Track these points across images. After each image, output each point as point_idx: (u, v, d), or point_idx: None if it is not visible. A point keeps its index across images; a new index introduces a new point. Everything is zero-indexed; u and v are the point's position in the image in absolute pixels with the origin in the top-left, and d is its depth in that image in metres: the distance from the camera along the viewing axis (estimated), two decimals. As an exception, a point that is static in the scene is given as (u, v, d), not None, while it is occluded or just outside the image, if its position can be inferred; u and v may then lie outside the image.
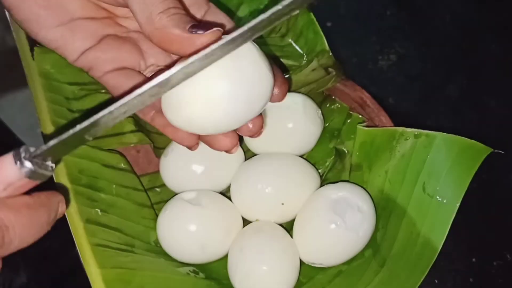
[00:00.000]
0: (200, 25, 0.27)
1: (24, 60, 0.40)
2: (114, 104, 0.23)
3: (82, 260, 0.32)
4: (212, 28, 0.27)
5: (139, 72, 0.33)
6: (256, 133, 0.31)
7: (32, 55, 0.40)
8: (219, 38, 0.27)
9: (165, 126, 0.31)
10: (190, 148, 0.33)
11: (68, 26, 0.32)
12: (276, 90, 0.31)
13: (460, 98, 0.49)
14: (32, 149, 0.22)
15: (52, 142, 0.22)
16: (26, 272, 0.45)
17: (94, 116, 0.22)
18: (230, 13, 0.40)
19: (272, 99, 0.31)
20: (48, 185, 0.25)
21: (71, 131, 0.22)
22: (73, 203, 0.34)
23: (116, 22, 0.34)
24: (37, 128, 0.38)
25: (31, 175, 0.22)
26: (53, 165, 0.23)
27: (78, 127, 0.22)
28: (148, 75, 0.33)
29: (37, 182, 0.23)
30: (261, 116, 0.31)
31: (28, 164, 0.22)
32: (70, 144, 0.23)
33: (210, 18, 0.31)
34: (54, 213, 0.24)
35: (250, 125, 0.31)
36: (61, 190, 0.34)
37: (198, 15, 0.31)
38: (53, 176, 0.35)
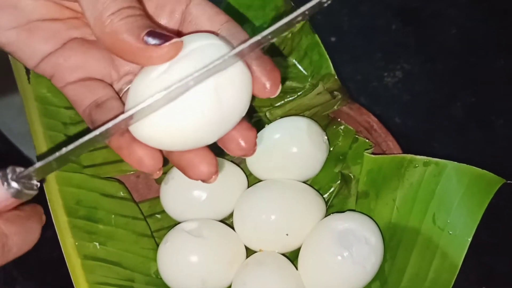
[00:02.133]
0: (158, 33, 0.23)
1: (19, 83, 0.39)
2: (97, 132, 0.22)
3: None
4: (171, 38, 0.23)
5: (106, 84, 0.28)
6: (249, 151, 0.27)
7: (28, 79, 0.39)
8: (179, 50, 0.23)
9: (120, 148, 0.26)
10: (151, 174, 0.27)
11: (25, 27, 0.28)
12: (265, 82, 0.25)
13: (466, 116, 0.48)
14: (18, 170, 0.23)
15: (38, 164, 0.22)
16: (23, 286, 0.44)
17: (80, 140, 0.22)
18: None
19: (264, 93, 0.25)
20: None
21: (57, 154, 0.22)
22: (69, 238, 0.33)
23: (84, 22, 0.28)
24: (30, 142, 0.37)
25: (17, 195, 0.23)
26: (38, 184, 0.24)
27: (64, 150, 0.22)
28: (124, 87, 0.28)
29: (23, 200, 0.24)
30: (254, 130, 0.26)
31: (14, 185, 0.22)
32: (55, 165, 0.23)
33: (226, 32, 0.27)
34: (39, 224, 0.25)
35: (242, 143, 0.26)
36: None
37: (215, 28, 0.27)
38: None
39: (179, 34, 0.26)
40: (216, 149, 0.26)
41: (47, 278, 0.42)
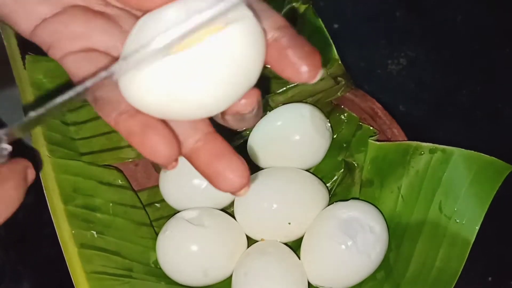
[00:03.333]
0: None
1: (14, 69, 0.38)
2: (71, 90, 0.20)
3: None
4: None
5: (112, 58, 0.25)
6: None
7: (24, 64, 0.38)
8: None
9: (130, 134, 0.22)
10: (165, 166, 0.23)
11: None
12: (303, 66, 0.22)
13: (473, 104, 0.47)
14: None
15: (2, 132, 0.20)
16: (30, 282, 0.44)
17: (49, 104, 0.20)
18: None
19: (301, 77, 0.22)
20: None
21: (27, 117, 0.20)
22: (66, 227, 0.32)
23: None
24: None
25: None
26: (9, 147, 0.21)
27: (41, 110, 0.20)
28: None
29: None
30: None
31: None
32: (28, 127, 0.21)
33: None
34: (22, 183, 0.22)
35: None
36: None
37: None
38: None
39: None
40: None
41: (52, 273, 0.41)
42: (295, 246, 0.37)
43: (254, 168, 0.40)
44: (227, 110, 0.23)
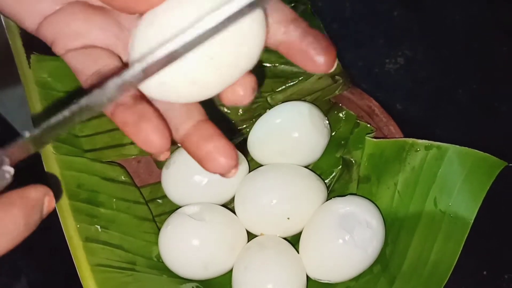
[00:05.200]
0: None
1: (20, 68, 0.39)
2: (76, 104, 0.19)
3: (82, 282, 0.31)
4: None
5: (112, 53, 0.26)
6: (246, 99, 0.24)
7: (29, 63, 0.39)
8: None
9: (125, 124, 0.23)
10: (157, 156, 0.25)
11: None
12: (320, 58, 0.23)
13: (470, 102, 0.48)
14: None
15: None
16: (27, 277, 0.45)
17: (50, 120, 0.19)
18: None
19: (318, 68, 0.23)
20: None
21: (27, 135, 0.19)
22: (71, 221, 0.33)
23: None
24: (31, 127, 0.37)
25: None
26: (11, 169, 0.20)
27: (36, 131, 0.19)
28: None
29: None
30: (253, 76, 0.24)
31: None
32: (32, 146, 0.20)
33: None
34: (36, 210, 0.20)
35: (240, 90, 0.24)
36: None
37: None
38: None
39: None
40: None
41: (53, 268, 0.42)
42: (294, 240, 0.38)
43: (254, 164, 0.40)
44: (224, 101, 0.24)
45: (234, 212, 0.38)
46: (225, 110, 0.42)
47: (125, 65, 0.25)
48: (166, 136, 0.23)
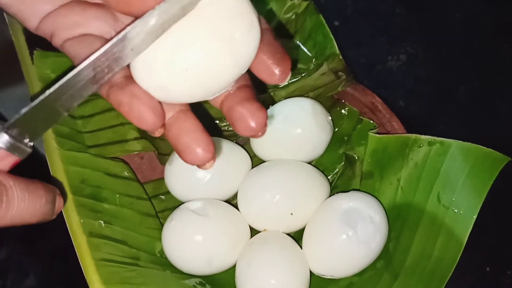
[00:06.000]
0: None
1: (23, 64, 0.39)
2: (79, 65, 0.22)
3: (86, 277, 0.31)
4: None
5: (104, 39, 0.27)
6: (258, 132, 0.26)
7: (32, 59, 0.39)
8: None
9: (120, 104, 0.25)
10: (152, 132, 0.26)
11: None
12: (275, 69, 0.25)
13: (471, 100, 0.48)
14: (5, 124, 0.22)
15: (23, 110, 0.22)
16: (36, 274, 0.45)
17: (62, 80, 0.22)
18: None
19: (272, 79, 0.26)
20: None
21: (41, 97, 0.22)
22: (75, 216, 0.33)
23: None
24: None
25: (9, 146, 0.22)
26: (31, 143, 0.23)
27: (47, 92, 0.22)
28: None
29: (18, 158, 0.23)
30: (264, 111, 0.26)
31: (4, 136, 0.22)
32: (44, 117, 0.23)
33: None
34: (51, 203, 0.24)
35: (252, 123, 0.25)
36: (57, 184, 0.34)
37: None
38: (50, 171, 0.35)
39: None
40: (223, 131, 0.26)
41: (57, 266, 0.42)
42: (297, 236, 0.38)
43: (257, 161, 0.40)
44: (240, 133, 0.26)
45: (237, 208, 0.38)
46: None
47: None
48: (158, 113, 0.24)
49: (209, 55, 0.23)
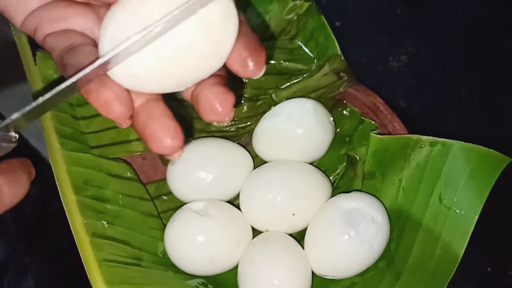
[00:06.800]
0: None
1: (25, 65, 0.39)
2: (70, 79, 0.23)
3: (89, 277, 0.31)
4: None
5: (86, 35, 0.27)
6: (224, 116, 0.24)
7: (35, 60, 0.39)
8: None
9: (88, 92, 0.24)
10: (119, 123, 0.25)
11: None
12: (249, 61, 0.24)
13: (473, 100, 0.48)
14: None
15: (14, 116, 0.23)
16: (34, 275, 0.45)
17: (56, 88, 0.23)
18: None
19: (246, 72, 0.25)
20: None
21: (33, 104, 0.23)
22: (78, 216, 0.33)
23: None
24: (37, 123, 0.37)
25: None
26: (16, 135, 0.24)
27: (41, 99, 0.22)
28: None
29: (2, 153, 0.24)
30: (232, 95, 0.24)
31: None
32: (32, 115, 0.23)
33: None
34: (28, 175, 0.26)
35: (218, 106, 0.24)
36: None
37: None
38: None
39: None
40: (224, 131, 0.25)
41: (57, 267, 0.42)
42: (299, 236, 0.38)
43: (258, 161, 0.41)
44: (205, 118, 0.25)
45: (239, 208, 0.38)
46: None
47: (96, 46, 0.26)
48: (125, 102, 0.24)
49: (185, 44, 0.23)
